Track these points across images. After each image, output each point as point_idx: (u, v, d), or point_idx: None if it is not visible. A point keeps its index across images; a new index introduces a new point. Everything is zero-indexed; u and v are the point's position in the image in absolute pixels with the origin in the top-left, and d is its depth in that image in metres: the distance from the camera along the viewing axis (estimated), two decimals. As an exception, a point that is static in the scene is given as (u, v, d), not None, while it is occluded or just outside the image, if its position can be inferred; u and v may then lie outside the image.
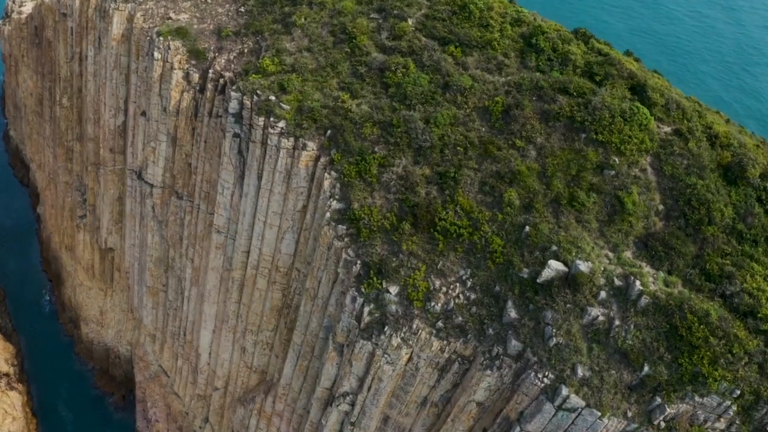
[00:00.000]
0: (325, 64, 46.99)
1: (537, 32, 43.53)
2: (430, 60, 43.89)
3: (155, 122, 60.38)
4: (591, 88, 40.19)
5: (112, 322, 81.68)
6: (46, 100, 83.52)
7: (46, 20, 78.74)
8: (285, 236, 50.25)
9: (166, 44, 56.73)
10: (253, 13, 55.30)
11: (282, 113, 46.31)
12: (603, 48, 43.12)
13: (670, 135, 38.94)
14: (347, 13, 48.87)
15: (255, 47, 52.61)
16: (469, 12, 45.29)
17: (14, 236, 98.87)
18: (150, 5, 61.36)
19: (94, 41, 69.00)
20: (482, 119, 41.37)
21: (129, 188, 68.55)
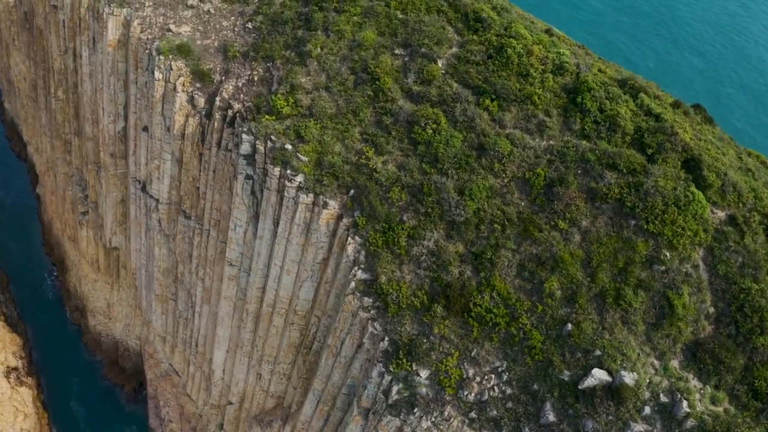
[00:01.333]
0: (346, 109, 42.38)
1: (582, 88, 38.88)
2: (464, 115, 39.42)
3: (158, 141, 55.84)
4: (642, 163, 36.17)
5: (119, 315, 79.36)
6: (41, 89, 77.80)
7: (36, 8, 72.04)
8: (304, 284, 47.13)
9: (168, 64, 51.55)
10: (262, 31, 49.82)
11: (300, 166, 42.16)
12: (654, 107, 38.63)
13: (725, 224, 35.34)
14: (368, 46, 43.70)
15: (266, 75, 47.57)
16: (506, 57, 40.33)
17: (14, 215, 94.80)
18: (147, 12, 55.47)
19: (88, 41, 63.11)
20: (522, 191, 37.49)
21: (132, 195, 64.58)
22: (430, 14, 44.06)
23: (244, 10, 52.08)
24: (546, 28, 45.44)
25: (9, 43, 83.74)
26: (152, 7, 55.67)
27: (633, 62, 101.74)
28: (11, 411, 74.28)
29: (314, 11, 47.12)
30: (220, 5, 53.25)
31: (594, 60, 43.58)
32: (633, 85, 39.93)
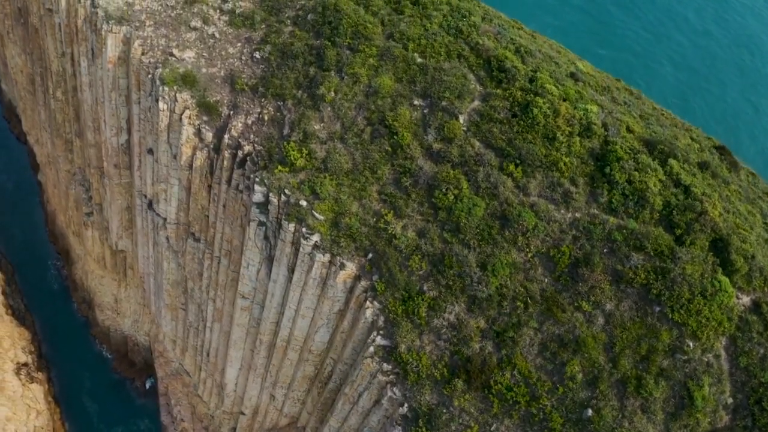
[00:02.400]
0: (363, 165, 40.81)
1: (611, 157, 37.25)
2: (487, 181, 38.00)
3: (164, 167, 54.21)
4: (670, 245, 35.11)
5: (127, 311, 79.27)
6: (38, 85, 74.93)
7: (30, 6, 68.54)
8: (319, 330, 46.75)
9: (172, 95, 49.46)
10: (271, 63, 47.48)
11: (316, 225, 41.00)
12: (683, 176, 37.21)
13: (750, 311, 34.67)
14: (385, 94, 41.67)
15: (276, 116, 45.66)
16: (532, 118, 38.49)
17: (17, 200, 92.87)
18: (148, 32, 52.75)
19: (86, 52, 60.30)
20: (545, 268, 36.61)
21: (138, 207, 63.37)
22: (450, 59, 41.85)
23: (251, 36, 49.53)
24: (571, 70, 43.34)
25: (4, 35, 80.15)
26: (153, 26, 52.89)
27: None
28: (24, 409, 75.19)
29: (326, 47, 44.79)
30: (226, 29, 50.61)
31: (621, 111, 41.72)
32: (662, 149, 38.35)
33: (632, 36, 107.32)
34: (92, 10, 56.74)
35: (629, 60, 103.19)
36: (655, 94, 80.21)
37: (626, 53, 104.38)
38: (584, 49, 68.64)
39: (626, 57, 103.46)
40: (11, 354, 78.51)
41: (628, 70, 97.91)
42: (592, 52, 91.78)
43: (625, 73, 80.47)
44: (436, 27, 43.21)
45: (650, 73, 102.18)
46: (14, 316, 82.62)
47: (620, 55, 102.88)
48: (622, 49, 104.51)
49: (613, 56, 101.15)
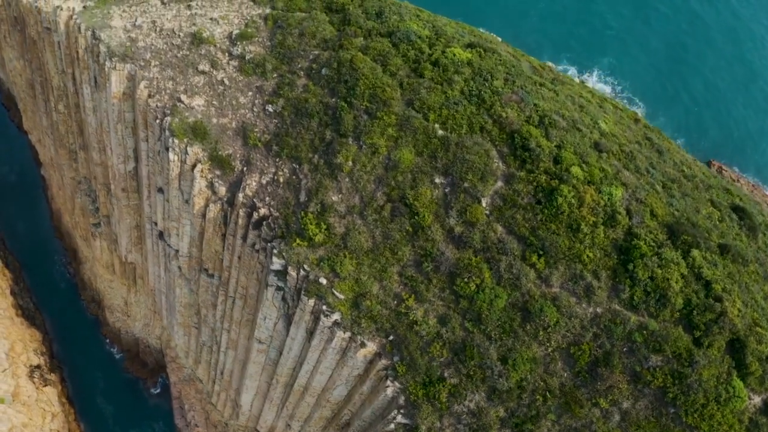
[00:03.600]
0: (383, 245, 40.41)
1: (634, 253, 36.91)
2: (509, 272, 37.80)
3: (176, 209, 53.74)
4: (688, 347, 35.31)
5: (138, 315, 79.99)
6: (39, 93, 72.89)
7: (27, 18, 65.93)
8: (337, 387, 47.51)
9: (183, 147, 48.48)
10: (284, 119, 46.23)
11: (336, 304, 41.03)
12: (704, 270, 37.09)
13: (760, 412, 35.28)
14: (405, 169, 40.83)
15: (292, 179, 44.80)
16: (556, 206, 37.91)
17: (20, 193, 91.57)
18: (154, 73, 51.10)
19: (89, 80, 58.50)
20: (565, 363, 36.97)
21: (149, 231, 63.14)
22: (473, 133, 40.79)
23: (263, 85, 48.05)
24: (594, 139, 42.36)
25: (0, 39, 77.55)
26: (158, 67, 51.23)
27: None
28: (39, 413, 76.97)
29: (343, 109, 43.54)
30: (235, 75, 49.02)
31: (645, 186, 41.04)
32: (685, 240, 38.08)
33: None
34: (93, 41, 54.94)
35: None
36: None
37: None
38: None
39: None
40: (23, 358, 79.74)
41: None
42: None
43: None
44: (457, 94, 41.95)
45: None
46: (24, 317, 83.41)
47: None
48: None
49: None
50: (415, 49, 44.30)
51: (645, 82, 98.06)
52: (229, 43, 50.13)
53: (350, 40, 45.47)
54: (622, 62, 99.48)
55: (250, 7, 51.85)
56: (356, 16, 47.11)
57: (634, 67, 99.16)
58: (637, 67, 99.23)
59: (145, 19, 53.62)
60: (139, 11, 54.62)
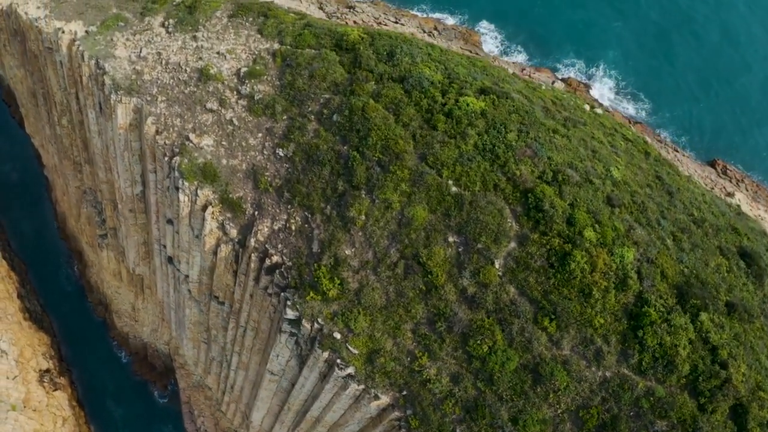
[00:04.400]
0: (397, 303, 40.65)
1: (644, 320, 37.29)
2: (521, 335, 38.23)
3: (186, 242, 53.79)
4: (693, 413, 36.04)
5: (146, 321, 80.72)
6: (41, 104, 71.91)
7: (27, 33, 64.56)
8: (349, 425, 48.31)
9: (193, 189, 48.22)
10: (296, 164, 45.83)
11: (350, 359, 41.55)
12: (712, 335, 37.56)
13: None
14: (418, 226, 40.80)
15: (305, 227, 44.71)
16: (569, 272, 38.15)
17: (23, 192, 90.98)
18: (161, 109, 50.44)
19: (93, 105, 57.89)
20: (574, 425, 37.66)
21: (156, 250, 63.26)
22: (486, 190, 40.66)
23: (272, 127, 47.51)
24: (607, 193, 42.26)
25: (0, 47, 75.98)
26: (165, 103, 50.55)
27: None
28: (50, 418, 78.26)
29: (355, 159, 43.21)
30: (244, 115, 48.42)
31: (657, 242, 41.18)
32: (695, 303, 38.50)
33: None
34: (98, 71, 54.15)
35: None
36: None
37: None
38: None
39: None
40: (33, 363, 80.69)
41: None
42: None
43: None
44: (471, 149, 41.65)
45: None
46: (32, 320, 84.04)
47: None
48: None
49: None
50: (428, 97, 43.75)
51: (651, 77, 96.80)
52: (238, 80, 49.39)
53: (362, 86, 44.87)
54: (628, 55, 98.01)
55: (258, 40, 50.92)
56: (367, 58, 46.34)
57: (640, 61, 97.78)
58: (644, 60, 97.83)
59: (150, 50, 52.71)
60: (143, 40, 53.65)
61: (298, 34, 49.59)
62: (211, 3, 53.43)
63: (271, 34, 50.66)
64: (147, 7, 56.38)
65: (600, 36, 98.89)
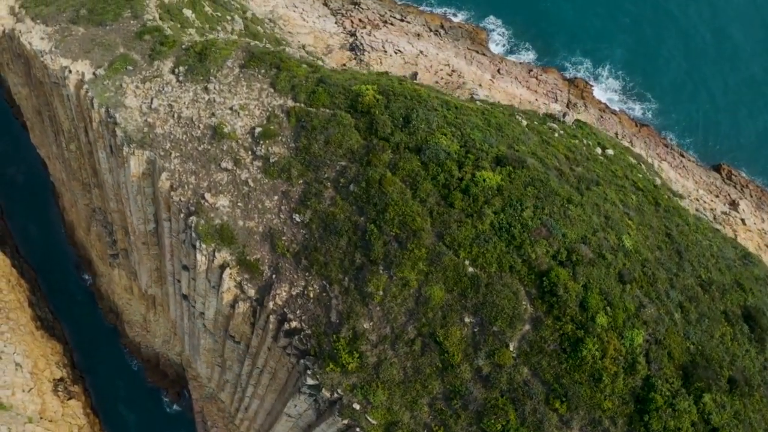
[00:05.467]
0: (414, 379, 42.02)
1: (650, 405, 38.80)
2: (533, 416, 39.83)
3: (203, 290, 54.74)
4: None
5: (158, 332, 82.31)
6: (47, 125, 71.52)
7: (31, 61, 63.73)
8: (366, 474, 50.36)
9: (211, 251, 48.91)
10: (312, 231, 46.39)
11: (369, 429, 43.19)
12: (714, 417, 39.14)
13: None
14: (435, 305, 41.85)
15: (323, 296, 45.60)
16: (581, 357, 39.48)
17: (29, 195, 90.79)
18: (175, 165, 50.69)
19: (104, 147, 57.90)
20: (583, 502, 39.87)
21: (170, 278, 64.20)
22: (502, 271, 41.70)
23: (288, 190, 47.85)
24: (619, 269, 43.33)
25: (3, 64, 74.79)
26: (179, 159, 50.70)
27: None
28: (66, 428, 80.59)
29: (372, 233, 43.85)
30: (260, 176, 48.68)
31: (665, 318, 42.47)
32: (699, 386, 40.19)
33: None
34: (108, 119, 54.07)
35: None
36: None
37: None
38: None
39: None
40: (47, 373, 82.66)
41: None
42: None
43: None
44: (487, 228, 42.39)
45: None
46: (44, 328, 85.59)
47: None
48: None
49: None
50: (445, 171, 44.17)
51: (658, 76, 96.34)
52: (252, 140, 49.50)
53: (378, 156, 45.18)
54: (635, 54, 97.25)
55: (271, 95, 50.76)
56: (383, 124, 46.46)
57: (647, 60, 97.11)
58: (652, 59, 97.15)
59: (161, 102, 52.52)
60: (154, 89, 53.38)
61: (311, 92, 49.44)
62: (221, 51, 52.94)
63: (284, 89, 50.50)
64: (155, 49, 55.83)
65: (607, 34, 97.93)
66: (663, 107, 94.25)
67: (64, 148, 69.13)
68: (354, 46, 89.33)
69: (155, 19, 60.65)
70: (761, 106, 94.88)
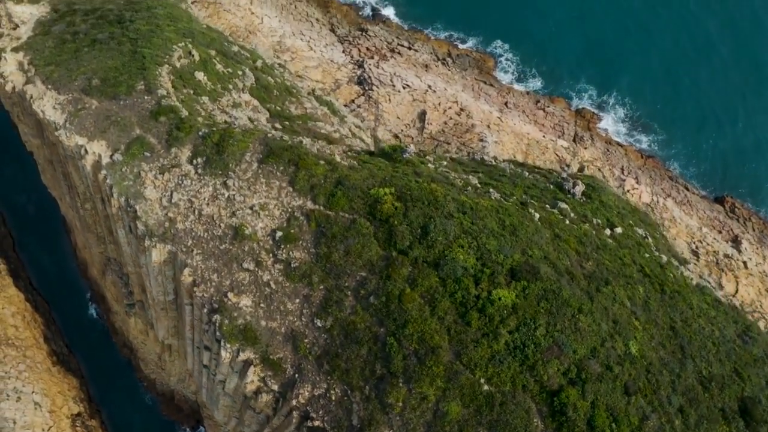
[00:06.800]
0: (433, 489, 45.38)
1: None
2: None
3: (225, 371, 57.31)
4: None
5: (173, 371, 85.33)
6: (61, 179, 72.91)
7: (45, 126, 64.68)
8: None
9: (235, 349, 51.37)
10: (334, 337, 48.68)
11: None
12: None
13: None
14: (452, 419, 44.61)
15: (344, 400, 48.25)
16: (587, 479, 42.81)
17: (41, 224, 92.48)
18: (197, 261, 52.80)
19: (123, 226, 59.69)
20: None
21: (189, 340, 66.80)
22: (515, 389, 44.48)
23: (310, 294, 50.04)
24: (625, 381, 46.09)
25: (13, 115, 75.78)
26: (201, 256, 52.70)
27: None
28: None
29: (392, 346, 46.28)
30: (281, 279, 50.79)
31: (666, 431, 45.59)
32: None
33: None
34: (128, 209, 55.80)
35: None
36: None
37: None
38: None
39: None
40: (65, 410, 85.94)
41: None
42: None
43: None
44: (502, 348, 44.95)
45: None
46: (60, 363, 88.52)
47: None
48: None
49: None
50: (462, 289, 46.48)
51: (664, 104, 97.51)
52: (273, 243, 51.46)
53: (397, 271, 47.39)
54: (642, 82, 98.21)
55: (290, 194, 52.50)
56: (402, 236, 48.49)
57: (654, 88, 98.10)
58: (658, 87, 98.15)
59: (181, 196, 54.19)
60: (173, 182, 54.95)
61: (330, 194, 51.22)
62: (239, 143, 54.43)
63: (303, 189, 52.23)
64: (172, 134, 57.15)
65: (613, 60, 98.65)
66: (669, 137, 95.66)
67: (79, 206, 70.82)
68: (362, 80, 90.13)
69: (169, 94, 61.69)
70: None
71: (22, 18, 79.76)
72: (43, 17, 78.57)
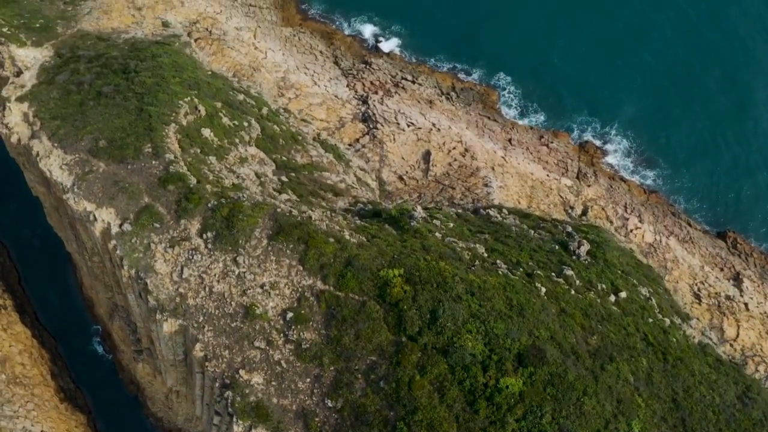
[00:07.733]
0: None
1: None
2: None
3: None
4: None
5: (180, 411, 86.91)
6: (67, 227, 73.79)
7: (52, 185, 65.45)
8: None
9: (247, 426, 52.68)
10: (344, 418, 49.86)
11: None
12: None
13: None
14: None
15: (354, 481, 49.91)
16: None
17: (46, 259, 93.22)
18: (209, 338, 54.03)
19: (133, 291, 60.79)
20: None
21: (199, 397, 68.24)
22: (521, 479, 46.09)
23: (320, 374, 51.29)
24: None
25: (19, 163, 76.36)
26: (212, 332, 53.88)
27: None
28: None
29: (401, 430, 47.83)
30: (292, 359, 52.00)
31: None
32: None
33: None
34: (139, 281, 56.85)
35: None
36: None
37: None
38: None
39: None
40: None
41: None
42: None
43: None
44: (510, 437, 46.49)
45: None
46: (68, 400, 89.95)
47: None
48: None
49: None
50: (471, 377, 47.80)
51: (668, 136, 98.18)
52: (284, 323, 52.60)
53: (407, 357, 48.67)
54: (646, 113, 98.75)
55: (300, 273, 53.53)
56: (411, 320, 49.69)
57: (657, 119, 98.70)
58: (662, 119, 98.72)
59: (192, 272, 55.21)
60: (183, 255, 55.93)
61: (340, 275, 52.30)
62: (248, 219, 55.36)
63: (313, 268, 53.26)
64: (181, 204, 57.99)
65: (615, 91, 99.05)
66: (673, 171, 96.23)
67: (87, 258, 71.81)
68: (366, 117, 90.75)
69: (177, 158, 62.41)
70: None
71: (26, 63, 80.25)
72: (47, 62, 78.88)
